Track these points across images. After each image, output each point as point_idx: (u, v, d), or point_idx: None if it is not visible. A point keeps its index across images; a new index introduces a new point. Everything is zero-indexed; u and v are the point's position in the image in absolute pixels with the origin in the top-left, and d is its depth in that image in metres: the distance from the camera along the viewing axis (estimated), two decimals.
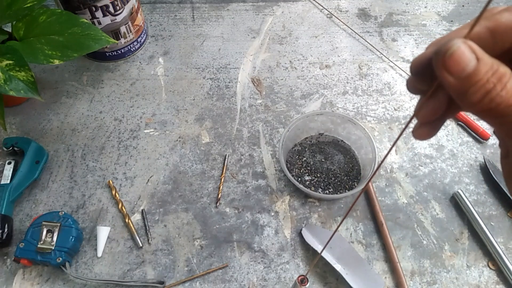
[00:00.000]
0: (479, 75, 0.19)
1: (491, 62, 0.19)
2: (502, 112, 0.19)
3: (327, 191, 0.59)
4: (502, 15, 0.20)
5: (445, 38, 0.22)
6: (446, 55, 0.19)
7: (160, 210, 0.58)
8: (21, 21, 0.58)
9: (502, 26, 0.20)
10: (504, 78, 0.19)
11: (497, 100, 0.19)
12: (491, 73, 0.19)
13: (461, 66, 0.19)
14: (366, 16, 0.83)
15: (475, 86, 0.19)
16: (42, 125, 0.66)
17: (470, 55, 0.19)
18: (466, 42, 0.19)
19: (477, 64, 0.19)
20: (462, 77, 0.19)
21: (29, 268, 0.53)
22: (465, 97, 0.20)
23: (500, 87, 0.19)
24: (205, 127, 0.67)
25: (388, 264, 0.54)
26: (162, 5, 0.84)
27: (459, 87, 0.19)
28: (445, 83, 0.20)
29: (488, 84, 0.19)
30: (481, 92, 0.19)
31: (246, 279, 0.53)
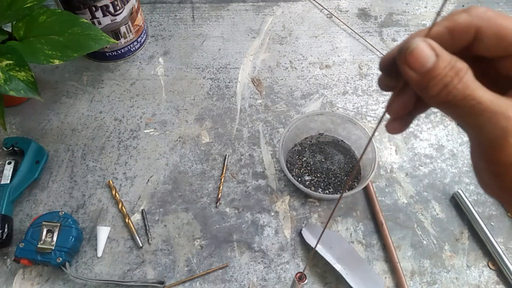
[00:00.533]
0: (438, 70, 0.21)
1: (449, 58, 0.21)
2: (459, 103, 0.21)
3: (327, 191, 0.59)
4: (460, 16, 0.22)
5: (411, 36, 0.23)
6: (407, 52, 0.21)
7: (160, 210, 0.58)
8: (21, 21, 0.58)
9: (459, 26, 0.22)
10: (461, 73, 0.20)
11: (454, 92, 0.21)
12: (449, 68, 0.20)
13: (421, 62, 0.21)
14: (366, 16, 0.83)
15: (434, 80, 0.21)
16: (42, 125, 0.66)
17: (430, 52, 0.21)
18: (425, 40, 0.21)
19: (436, 60, 0.21)
20: (423, 72, 0.21)
21: (29, 268, 0.53)
22: (426, 90, 0.21)
23: (457, 80, 0.20)
24: (205, 127, 0.67)
25: (388, 264, 0.54)
26: (162, 5, 0.84)
27: (420, 82, 0.21)
28: (408, 78, 0.21)
29: (446, 78, 0.20)
30: (440, 85, 0.21)
31: (246, 279, 0.53)
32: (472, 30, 0.22)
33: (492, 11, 0.22)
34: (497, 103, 0.20)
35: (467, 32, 0.22)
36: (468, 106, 0.21)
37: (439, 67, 0.21)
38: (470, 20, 0.22)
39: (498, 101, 0.20)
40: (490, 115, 0.20)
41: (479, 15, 0.22)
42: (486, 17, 0.22)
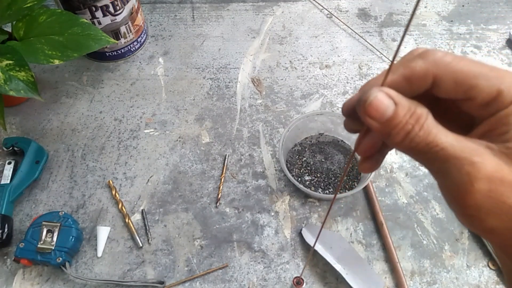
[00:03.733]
0: (398, 118, 0.21)
1: (408, 105, 0.21)
2: (422, 150, 0.21)
3: (327, 191, 0.59)
4: (416, 63, 0.22)
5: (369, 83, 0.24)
6: (366, 104, 0.21)
7: (160, 210, 0.58)
8: (21, 21, 0.58)
9: (415, 74, 0.22)
10: (421, 119, 0.21)
11: (416, 140, 0.21)
12: (409, 115, 0.21)
13: (381, 112, 0.21)
14: (366, 16, 0.83)
15: (395, 128, 0.21)
16: (42, 125, 0.66)
17: (388, 101, 0.21)
18: (382, 90, 0.21)
19: (396, 108, 0.21)
20: (383, 122, 0.21)
21: (29, 268, 0.53)
22: (389, 138, 0.21)
23: (418, 127, 0.20)
24: (205, 127, 0.67)
25: (388, 264, 0.54)
26: (162, 5, 0.84)
27: (382, 130, 0.21)
28: (370, 127, 0.22)
29: (407, 125, 0.21)
30: (402, 133, 0.21)
31: (246, 279, 0.53)
32: (429, 77, 0.22)
33: (450, 55, 0.21)
34: (461, 148, 0.20)
35: (425, 80, 0.22)
36: (431, 153, 0.21)
37: (399, 115, 0.21)
38: (426, 68, 0.21)
39: (461, 145, 0.20)
40: (454, 161, 0.20)
41: (436, 62, 0.21)
42: (443, 63, 0.21)
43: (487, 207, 0.20)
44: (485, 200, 0.19)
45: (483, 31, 0.81)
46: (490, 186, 0.19)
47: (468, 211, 0.20)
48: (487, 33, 0.81)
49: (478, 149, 0.20)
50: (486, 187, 0.19)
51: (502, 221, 0.20)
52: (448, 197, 0.21)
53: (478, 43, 0.79)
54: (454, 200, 0.21)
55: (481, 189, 0.19)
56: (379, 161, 0.26)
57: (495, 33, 0.81)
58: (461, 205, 0.20)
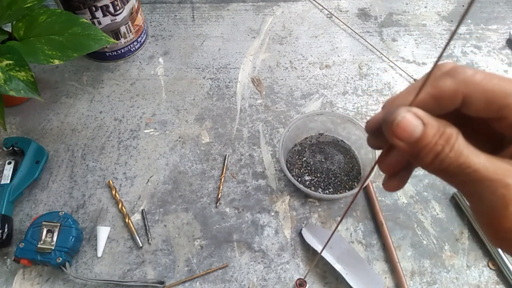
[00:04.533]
0: (427, 138, 0.20)
1: (437, 125, 0.20)
2: (453, 172, 0.20)
3: (327, 191, 0.59)
4: (445, 82, 0.21)
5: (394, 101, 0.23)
6: (394, 124, 0.20)
7: (160, 210, 0.58)
8: (21, 21, 0.58)
9: (445, 94, 0.21)
10: (451, 139, 0.20)
11: (447, 161, 0.20)
12: (439, 135, 0.20)
13: (408, 133, 0.20)
14: (366, 16, 0.83)
15: (424, 149, 0.20)
16: (42, 125, 0.66)
17: (416, 121, 0.20)
18: (410, 110, 0.20)
19: (424, 128, 0.20)
20: (412, 142, 0.20)
21: (29, 268, 0.53)
22: (417, 159, 0.21)
23: (449, 148, 0.20)
24: (205, 127, 0.67)
25: (388, 264, 0.54)
26: (162, 5, 0.84)
27: (410, 151, 0.21)
28: (398, 148, 0.21)
29: (437, 146, 0.20)
30: (431, 155, 0.20)
31: (246, 279, 0.53)
32: (459, 97, 0.21)
33: (481, 72, 0.21)
34: (494, 169, 0.19)
35: (454, 99, 0.21)
36: (463, 175, 0.20)
37: (428, 135, 0.20)
38: (456, 87, 0.21)
39: (494, 167, 0.20)
40: (488, 183, 0.19)
41: (466, 81, 0.21)
42: (473, 82, 0.20)
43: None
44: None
45: (483, 31, 0.81)
46: None
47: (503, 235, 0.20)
48: (487, 33, 0.81)
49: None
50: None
51: None
52: (481, 219, 0.21)
53: (478, 43, 0.79)
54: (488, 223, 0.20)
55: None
56: (405, 179, 0.25)
57: (495, 33, 0.81)
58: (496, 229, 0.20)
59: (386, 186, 0.25)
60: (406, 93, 0.22)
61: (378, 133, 0.23)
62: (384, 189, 0.26)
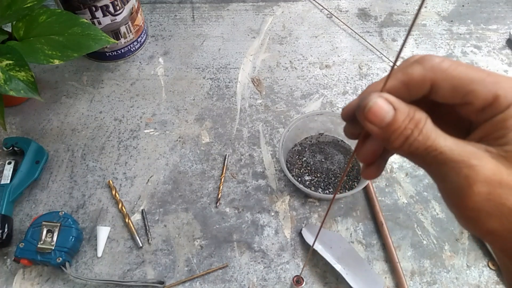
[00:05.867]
0: (397, 123, 0.21)
1: (407, 110, 0.21)
2: (422, 154, 0.21)
3: (327, 191, 0.59)
4: (414, 69, 0.22)
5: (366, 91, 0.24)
6: (366, 109, 0.21)
7: (160, 210, 0.58)
8: (21, 21, 0.58)
9: (413, 79, 0.22)
10: (420, 124, 0.21)
11: (416, 144, 0.21)
12: (408, 120, 0.21)
13: (380, 117, 0.21)
14: (366, 16, 0.83)
15: (395, 133, 0.21)
16: (42, 125, 0.66)
17: (387, 107, 0.21)
18: (381, 96, 0.21)
19: (395, 113, 0.21)
20: (383, 126, 0.21)
21: (29, 268, 0.53)
22: (389, 142, 0.22)
23: (417, 132, 0.21)
24: (205, 127, 0.67)
25: (388, 264, 0.54)
26: (162, 5, 0.84)
27: (382, 135, 0.22)
28: (371, 132, 0.22)
29: (406, 130, 0.21)
30: (401, 138, 0.21)
31: (246, 279, 0.53)
32: (427, 83, 0.22)
33: (448, 60, 0.22)
34: (459, 151, 0.20)
35: (422, 85, 0.22)
36: (430, 157, 0.21)
37: (398, 120, 0.21)
38: (424, 74, 0.22)
39: (460, 149, 0.20)
40: (453, 164, 0.20)
41: (433, 68, 0.22)
42: (440, 69, 0.22)
43: (487, 209, 0.20)
44: (484, 202, 0.20)
45: (483, 31, 0.81)
46: (489, 189, 0.19)
47: (468, 213, 0.20)
48: (487, 33, 0.81)
49: (477, 152, 0.20)
50: (485, 189, 0.19)
51: (502, 223, 0.20)
52: (448, 200, 0.22)
53: (478, 43, 0.79)
54: (454, 203, 0.21)
55: (480, 192, 0.19)
56: (381, 167, 0.26)
57: (495, 33, 0.81)
58: (461, 208, 0.21)
59: (364, 174, 0.26)
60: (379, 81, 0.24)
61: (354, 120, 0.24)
62: (363, 177, 0.27)
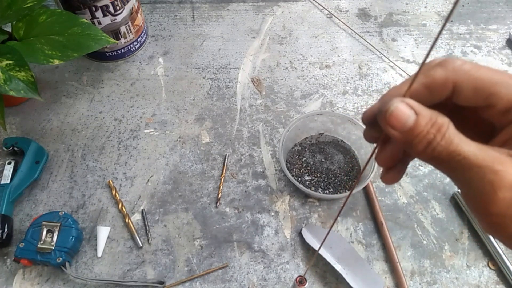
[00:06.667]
0: (419, 127, 0.21)
1: (429, 114, 0.21)
2: (445, 159, 0.21)
3: (327, 191, 0.59)
4: (436, 71, 0.22)
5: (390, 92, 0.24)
6: (387, 114, 0.21)
7: (160, 210, 0.58)
8: (21, 21, 0.58)
9: (436, 82, 0.22)
10: (442, 128, 0.21)
11: (438, 149, 0.21)
12: (430, 124, 0.21)
13: (402, 122, 0.21)
14: (366, 16, 0.83)
15: (417, 137, 0.21)
16: (42, 125, 0.66)
17: (409, 111, 0.21)
18: (403, 100, 0.21)
19: (417, 118, 0.21)
20: (405, 131, 0.21)
21: (29, 268, 0.53)
22: (411, 147, 0.22)
23: (440, 137, 0.21)
24: (205, 127, 0.67)
25: (388, 264, 0.54)
26: (162, 5, 0.84)
27: (404, 140, 0.21)
28: (392, 137, 0.22)
29: (429, 135, 0.21)
30: (424, 143, 0.21)
31: (246, 279, 0.53)
32: (449, 85, 0.22)
33: (469, 63, 0.22)
34: (483, 156, 0.20)
35: (445, 87, 0.22)
36: (454, 162, 0.21)
37: (420, 125, 0.21)
38: (446, 76, 0.22)
39: (483, 154, 0.20)
40: (477, 170, 0.20)
41: (455, 70, 0.22)
42: (462, 71, 0.22)
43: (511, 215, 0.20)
44: (509, 207, 0.20)
45: (483, 31, 0.81)
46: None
47: (492, 219, 0.20)
48: (487, 33, 0.81)
49: (500, 157, 0.20)
50: (510, 194, 0.19)
51: None
52: (472, 205, 0.21)
53: (478, 43, 0.79)
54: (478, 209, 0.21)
55: (505, 197, 0.19)
56: (402, 171, 0.26)
57: (495, 33, 0.81)
58: (485, 214, 0.21)
59: (385, 179, 0.26)
60: (401, 84, 0.23)
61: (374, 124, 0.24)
62: (383, 181, 0.26)
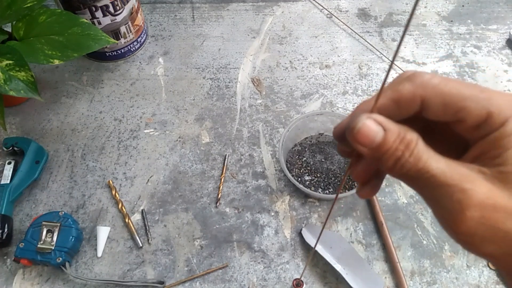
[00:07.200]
0: (387, 144, 0.20)
1: (397, 130, 0.20)
2: (413, 176, 0.20)
3: (327, 191, 0.59)
4: (404, 86, 0.22)
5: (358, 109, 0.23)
6: (355, 130, 0.21)
7: (160, 210, 0.58)
8: (21, 21, 0.58)
9: (403, 97, 0.22)
10: (411, 145, 0.20)
11: (407, 166, 0.20)
12: (399, 141, 0.20)
13: (370, 139, 0.20)
14: (366, 16, 0.83)
15: (385, 154, 0.21)
16: (42, 125, 0.66)
17: (376, 127, 0.20)
18: (370, 117, 0.21)
19: (385, 134, 0.20)
20: (373, 148, 0.21)
21: (29, 268, 0.53)
22: (380, 164, 0.21)
23: (408, 153, 0.20)
24: (205, 127, 0.67)
25: (388, 264, 0.54)
26: (162, 5, 0.84)
27: (373, 156, 0.21)
28: (361, 153, 0.21)
29: (397, 152, 0.20)
30: (392, 159, 0.21)
31: (246, 279, 0.53)
32: (417, 100, 0.21)
33: (438, 77, 0.21)
34: (451, 174, 0.20)
35: (413, 103, 0.22)
36: (422, 180, 0.20)
37: (388, 141, 0.20)
38: (414, 91, 0.21)
39: (452, 171, 0.20)
40: (446, 188, 0.20)
41: (423, 84, 0.21)
42: (430, 85, 0.21)
43: (481, 234, 0.19)
44: (478, 227, 0.19)
45: (483, 31, 0.81)
46: (482, 213, 0.19)
47: (462, 238, 0.20)
48: (487, 33, 0.81)
49: (470, 175, 0.20)
50: (478, 214, 0.19)
51: (499, 247, 0.19)
52: (442, 223, 0.21)
53: (478, 43, 0.79)
54: (447, 227, 0.21)
55: (473, 217, 0.19)
56: (378, 186, 0.25)
57: (495, 33, 0.81)
58: (455, 233, 0.20)
59: (360, 193, 0.26)
60: (370, 99, 0.23)
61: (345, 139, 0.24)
62: (359, 196, 0.26)
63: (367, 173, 0.25)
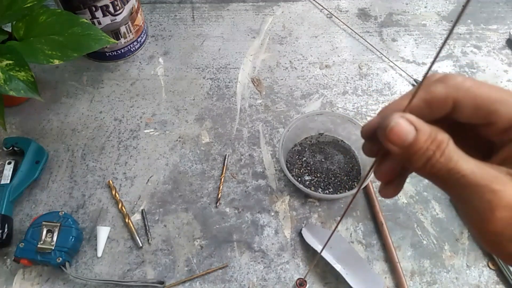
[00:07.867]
0: (419, 144, 0.21)
1: (429, 130, 0.21)
2: (443, 176, 0.21)
3: (327, 191, 0.59)
4: (437, 87, 0.22)
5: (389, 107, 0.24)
6: (387, 129, 0.21)
7: (160, 210, 0.58)
8: (21, 21, 0.58)
9: (436, 98, 0.22)
10: (442, 145, 0.21)
11: (438, 166, 0.21)
12: (430, 141, 0.21)
13: (402, 138, 0.21)
14: (366, 16, 0.83)
15: (416, 154, 0.21)
16: (42, 125, 0.66)
17: (409, 127, 0.21)
18: (404, 116, 0.21)
19: (416, 134, 0.21)
20: (405, 147, 0.21)
21: (29, 268, 0.53)
22: (410, 163, 0.22)
23: (439, 154, 0.21)
24: (205, 127, 0.67)
25: (388, 264, 0.54)
26: (162, 5, 0.84)
27: (403, 155, 0.21)
28: (392, 152, 0.22)
29: (428, 151, 0.21)
30: (423, 159, 0.21)
31: (246, 279, 0.53)
32: (450, 101, 0.22)
33: (470, 79, 0.22)
34: (481, 175, 0.20)
35: (445, 104, 0.22)
36: (452, 179, 0.21)
37: (420, 141, 0.21)
38: (447, 92, 0.22)
39: (482, 172, 0.20)
40: (476, 188, 0.20)
41: (456, 86, 0.22)
42: (463, 88, 0.21)
43: (509, 234, 0.20)
44: (506, 227, 0.20)
45: (483, 31, 0.81)
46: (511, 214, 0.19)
47: (489, 237, 0.20)
48: (487, 33, 0.81)
49: (499, 176, 0.20)
50: (508, 214, 0.19)
51: None
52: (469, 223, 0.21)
53: (478, 43, 0.79)
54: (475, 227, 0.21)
55: (502, 217, 0.19)
56: (401, 185, 0.26)
57: (495, 33, 0.81)
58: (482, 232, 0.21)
59: (383, 193, 0.26)
60: (401, 99, 0.23)
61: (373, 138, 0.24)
62: (381, 196, 0.26)
63: (392, 173, 0.25)
